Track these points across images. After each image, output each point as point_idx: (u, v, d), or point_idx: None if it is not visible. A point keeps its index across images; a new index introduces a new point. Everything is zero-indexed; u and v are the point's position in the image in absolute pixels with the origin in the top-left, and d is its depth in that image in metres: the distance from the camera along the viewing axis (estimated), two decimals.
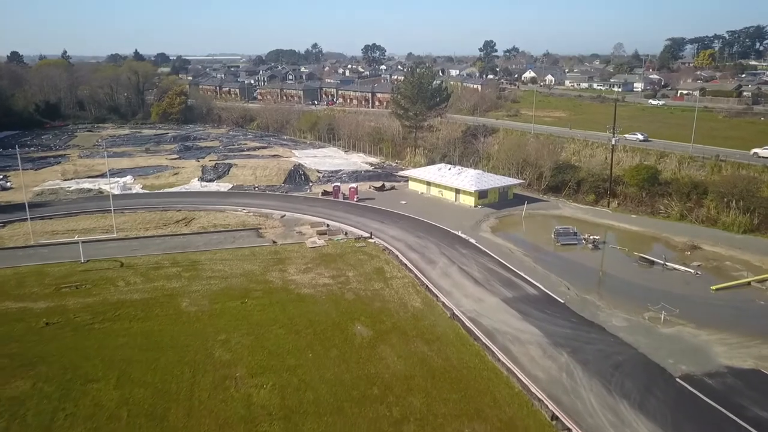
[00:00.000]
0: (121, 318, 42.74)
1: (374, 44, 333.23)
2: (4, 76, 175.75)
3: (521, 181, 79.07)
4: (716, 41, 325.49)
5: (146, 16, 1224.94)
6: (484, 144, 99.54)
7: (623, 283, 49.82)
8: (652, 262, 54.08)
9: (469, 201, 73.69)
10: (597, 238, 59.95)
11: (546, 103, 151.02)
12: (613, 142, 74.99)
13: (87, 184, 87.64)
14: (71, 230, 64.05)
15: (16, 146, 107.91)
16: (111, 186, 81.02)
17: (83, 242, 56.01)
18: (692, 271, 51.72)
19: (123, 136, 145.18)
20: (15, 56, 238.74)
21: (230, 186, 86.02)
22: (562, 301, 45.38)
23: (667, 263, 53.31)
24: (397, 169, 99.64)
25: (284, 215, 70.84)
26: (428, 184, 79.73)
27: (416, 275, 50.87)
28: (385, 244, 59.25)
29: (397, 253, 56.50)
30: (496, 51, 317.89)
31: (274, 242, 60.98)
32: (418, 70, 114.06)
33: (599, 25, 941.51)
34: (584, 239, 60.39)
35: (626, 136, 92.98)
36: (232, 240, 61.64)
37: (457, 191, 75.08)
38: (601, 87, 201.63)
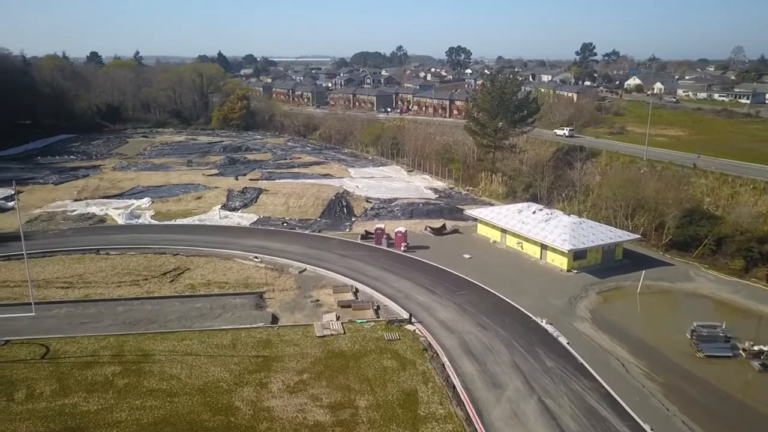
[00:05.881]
0: None
1: (459, 46, 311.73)
2: (69, 77, 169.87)
3: (636, 236, 56.81)
4: None
5: (243, 18, 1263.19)
6: (581, 172, 77.51)
7: None
8: None
9: (560, 262, 52.81)
10: (766, 349, 37.73)
11: (658, 118, 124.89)
12: None
13: (94, 208, 73.89)
14: (24, 281, 49.22)
15: (38, 157, 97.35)
16: (111, 212, 66.80)
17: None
18: None
19: (174, 144, 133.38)
20: (94, 57, 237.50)
21: (255, 218, 69.32)
22: None
23: None
24: (467, 199, 79.87)
25: (304, 269, 52.99)
26: (504, 231, 59.40)
27: (469, 414, 31.26)
28: (430, 338, 39.88)
29: (445, 359, 36.99)
30: (594, 55, 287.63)
31: (274, 319, 43.17)
32: (499, 76, 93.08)
33: (707, 28, 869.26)
34: (743, 349, 38.39)
35: None
36: (219, 311, 44.38)
37: (544, 246, 54.38)
38: (724, 98, 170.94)
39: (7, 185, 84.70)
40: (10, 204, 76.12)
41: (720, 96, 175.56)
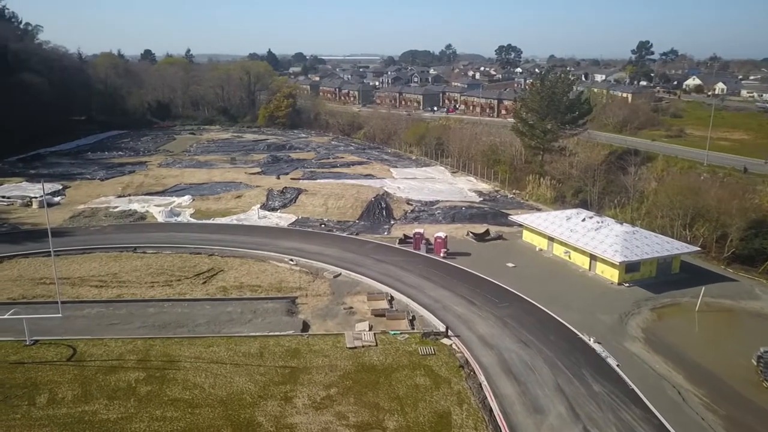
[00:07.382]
0: None
1: (509, 45, 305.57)
2: (122, 75, 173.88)
3: (695, 248, 52.68)
4: None
5: (295, 16, 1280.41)
6: (635, 177, 73.25)
7: None
8: None
9: (610, 274, 49.39)
10: None
11: (720, 120, 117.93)
12: None
13: (136, 205, 74.12)
14: (62, 278, 49.17)
15: (88, 152, 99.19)
16: (151, 210, 66.73)
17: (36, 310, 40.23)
18: None
19: (220, 141, 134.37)
20: (147, 54, 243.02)
21: (293, 219, 68.12)
22: None
23: None
24: (512, 203, 76.79)
25: (339, 274, 51.29)
26: (550, 239, 56.22)
27: None
28: (467, 354, 37.40)
29: (483, 378, 34.46)
30: (652, 53, 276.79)
31: (305, 327, 41.58)
32: (550, 75, 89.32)
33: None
34: None
35: None
36: (249, 317, 43.13)
37: (593, 257, 51.02)
38: None
39: (55, 180, 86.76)
40: (57, 199, 77.45)
41: None
